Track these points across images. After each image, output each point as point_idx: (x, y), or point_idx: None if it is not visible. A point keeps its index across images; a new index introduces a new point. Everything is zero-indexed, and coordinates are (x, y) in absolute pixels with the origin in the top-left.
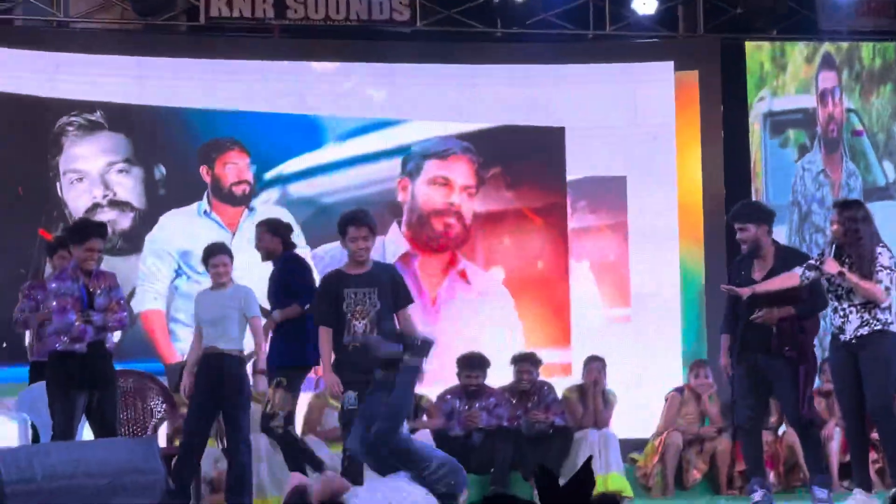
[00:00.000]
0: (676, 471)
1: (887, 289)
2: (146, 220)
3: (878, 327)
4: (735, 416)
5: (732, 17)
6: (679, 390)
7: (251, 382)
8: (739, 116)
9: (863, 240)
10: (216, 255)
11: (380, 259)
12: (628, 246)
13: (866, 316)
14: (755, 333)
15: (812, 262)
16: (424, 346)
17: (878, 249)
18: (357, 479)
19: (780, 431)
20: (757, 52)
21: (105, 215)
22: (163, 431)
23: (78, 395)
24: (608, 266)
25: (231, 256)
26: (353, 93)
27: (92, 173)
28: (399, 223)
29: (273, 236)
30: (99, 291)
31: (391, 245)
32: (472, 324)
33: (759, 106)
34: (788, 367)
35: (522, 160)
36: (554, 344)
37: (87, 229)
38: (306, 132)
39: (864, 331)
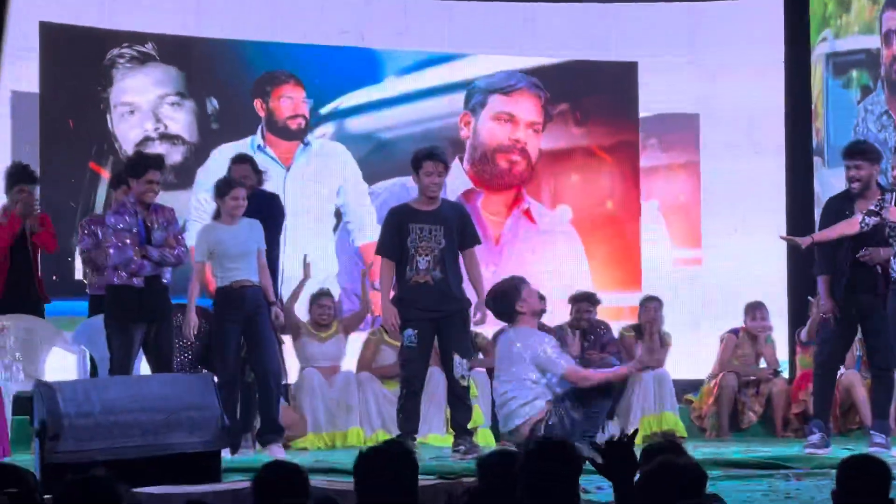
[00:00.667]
0: (731, 412)
1: None
2: (198, 155)
3: None
4: (817, 354)
5: None
6: (734, 332)
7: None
8: (802, 56)
9: None
10: (236, 187)
11: (441, 195)
12: (700, 186)
13: None
14: (861, 273)
15: (873, 207)
16: None
17: None
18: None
19: (838, 374)
20: None
21: (156, 149)
22: None
23: (136, 328)
24: (679, 207)
25: (245, 189)
26: (413, 29)
27: (143, 106)
28: (461, 159)
29: (255, 173)
30: (157, 226)
31: (452, 182)
32: (537, 264)
33: (822, 47)
34: (885, 310)
35: (592, 96)
36: (623, 287)
37: (145, 161)
38: (364, 66)
39: None
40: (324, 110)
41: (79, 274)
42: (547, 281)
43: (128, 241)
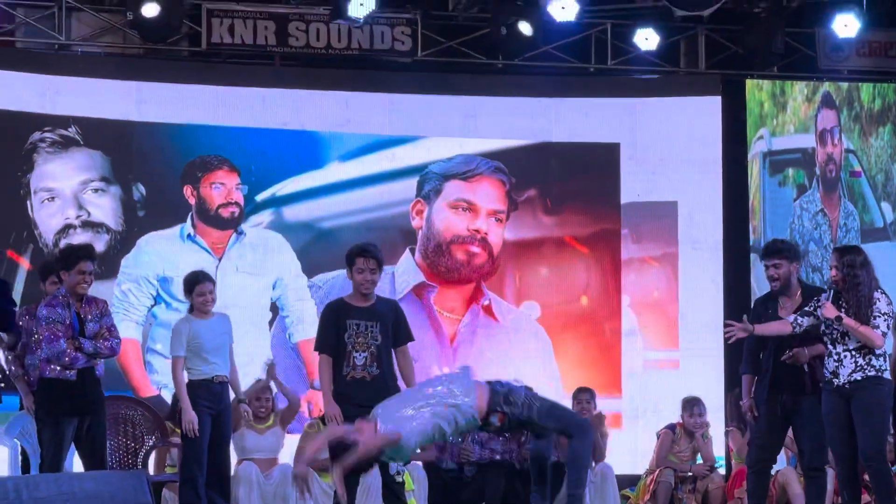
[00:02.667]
0: None
1: (884, 334)
2: (123, 243)
3: (872, 373)
4: (748, 454)
5: (734, 53)
6: (671, 427)
7: (242, 411)
8: (739, 154)
9: (861, 285)
10: (204, 282)
11: (389, 288)
12: (678, 281)
13: (861, 361)
14: (785, 373)
15: (808, 308)
16: None
17: (877, 295)
18: None
19: (773, 471)
20: (756, 91)
21: (78, 237)
22: (152, 460)
23: (68, 422)
24: (653, 303)
25: (214, 283)
26: (356, 119)
27: (65, 192)
28: (412, 251)
29: None
30: (90, 318)
31: (403, 275)
32: (498, 366)
33: (758, 145)
34: (815, 409)
35: (566, 181)
36: (599, 391)
37: (76, 253)
38: (305, 149)
39: (858, 376)
40: (260, 197)
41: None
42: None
43: (60, 333)
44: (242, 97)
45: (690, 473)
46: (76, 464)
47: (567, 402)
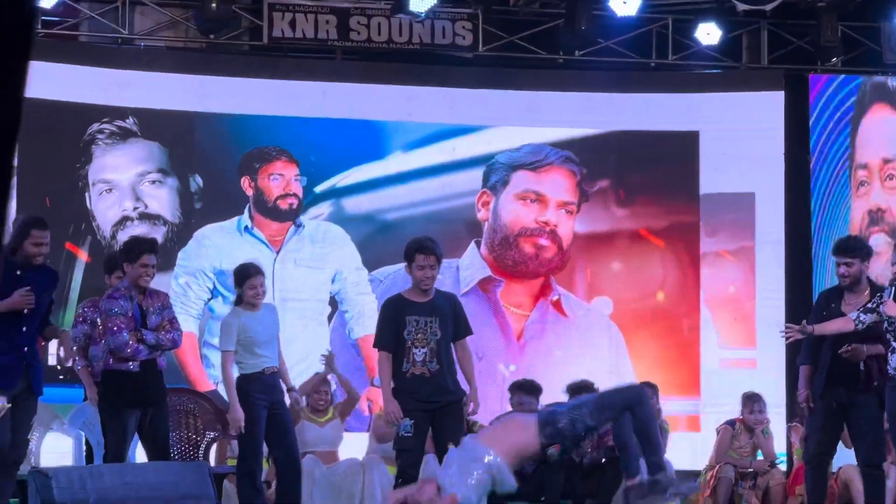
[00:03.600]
0: None
1: None
2: (180, 236)
3: None
4: (805, 450)
5: (796, 48)
6: (731, 423)
7: (292, 402)
8: (802, 149)
9: None
10: (255, 275)
11: (452, 282)
12: (755, 275)
13: None
14: (842, 369)
15: (870, 304)
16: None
17: None
18: None
19: (836, 468)
20: None
21: (135, 229)
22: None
23: (130, 414)
24: (729, 299)
25: (264, 276)
26: (417, 114)
27: (122, 184)
28: (478, 244)
29: None
30: (152, 310)
31: (468, 269)
32: (567, 364)
33: None
34: (871, 405)
35: (641, 171)
36: (677, 392)
37: (140, 246)
38: (366, 139)
39: None
40: (319, 188)
41: (53, 359)
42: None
43: (122, 325)
44: (303, 91)
45: (751, 469)
46: (139, 454)
47: None
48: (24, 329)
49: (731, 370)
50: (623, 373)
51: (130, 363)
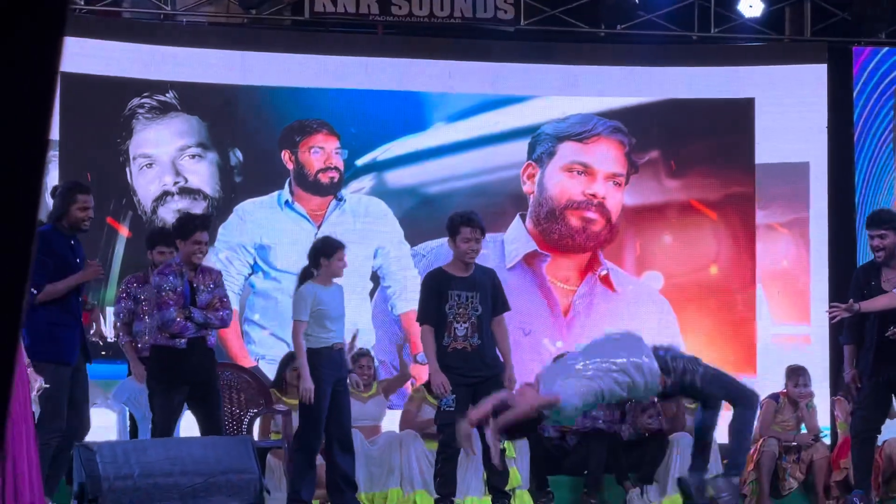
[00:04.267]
0: (772, 479)
1: None
2: (220, 210)
3: None
4: (852, 424)
5: (840, 20)
6: (774, 397)
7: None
8: (845, 122)
9: None
10: (342, 248)
11: (497, 256)
12: (808, 249)
13: None
14: (890, 346)
15: None
16: None
17: None
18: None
19: (880, 442)
20: None
21: (176, 204)
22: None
23: (178, 390)
24: (781, 273)
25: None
26: (459, 88)
27: (162, 158)
28: (523, 217)
29: None
30: (203, 287)
31: (513, 243)
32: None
33: None
34: None
35: (693, 142)
36: (732, 369)
37: (193, 222)
38: (408, 111)
39: None
40: (361, 162)
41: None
42: None
43: (171, 301)
44: (345, 66)
45: (795, 443)
46: (184, 430)
47: None
48: (78, 299)
49: (784, 346)
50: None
51: (178, 340)
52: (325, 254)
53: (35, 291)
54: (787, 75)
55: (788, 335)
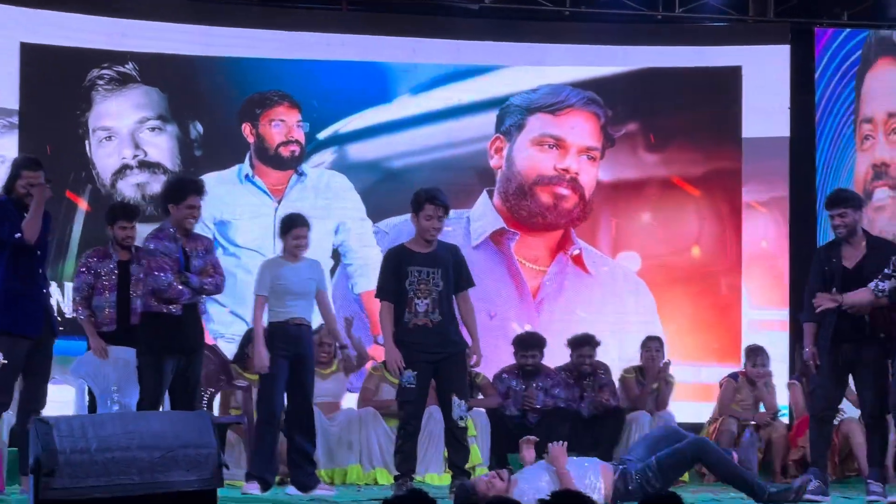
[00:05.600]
0: None
1: None
2: None
3: None
4: (811, 404)
5: (803, 1)
6: (733, 376)
7: (343, 358)
8: (807, 103)
9: None
10: (301, 226)
11: (463, 234)
12: (788, 229)
13: None
14: (848, 323)
15: (887, 271)
16: None
17: None
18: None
19: (836, 421)
20: None
21: (135, 178)
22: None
23: (169, 359)
24: (761, 254)
25: (310, 227)
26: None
27: (122, 131)
28: (490, 193)
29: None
30: (195, 254)
31: (479, 220)
32: (588, 325)
33: None
34: (877, 356)
35: (674, 113)
36: (715, 357)
37: (186, 187)
38: (371, 83)
39: None
40: (322, 135)
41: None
42: (607, 347)
43: (167, 266)
44: (309, 41)
45: (753, 422)
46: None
47: (674, 371)
48: (41, 272)
49: (764, 333)
50: (651, 332)
51: (173, 306)
52: (282, 230)
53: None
54: (751, 55)
55: (767, 320)
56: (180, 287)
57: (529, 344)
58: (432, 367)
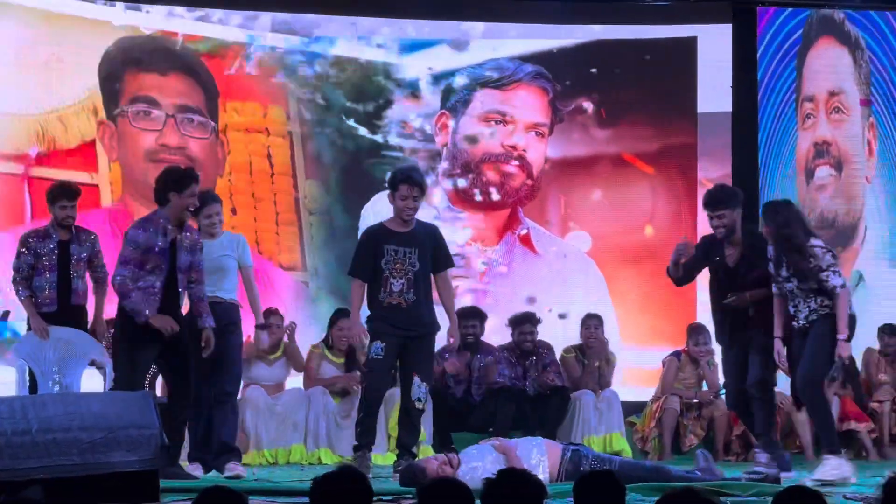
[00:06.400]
0: (674, 435)
1: (844, 284)
2: None
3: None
4: (727, 402)
5: None
6: (676, 355)
7: (254, 338)
8: (749, 82)
9: (799, 246)
10: (211, 203)
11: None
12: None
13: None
14: (733, 316)
15: (784, 272)
16: None
17: (817, 251)
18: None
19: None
20: None
21: None
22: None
23: (145, 345)
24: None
25: (221, 204)
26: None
27: None
28: (434, 172)
29: None
30: (184, 246)
31: (426, 199)
32: (535, 307)
33: None
34: (760, 336)
35: (626, 87)
36: (668, 341)
37: (190, 175)
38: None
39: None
40: None
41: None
42: (551, 328)
43: (130, 260)
44: (251, 18)
45: (696, 400)
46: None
47: (626, 355)
48: None
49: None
50: (603, 315)
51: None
52: (194, 212)
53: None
54: (694, 34)
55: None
56: (130, 288)
57: (468, 314)
58: (400, 344)
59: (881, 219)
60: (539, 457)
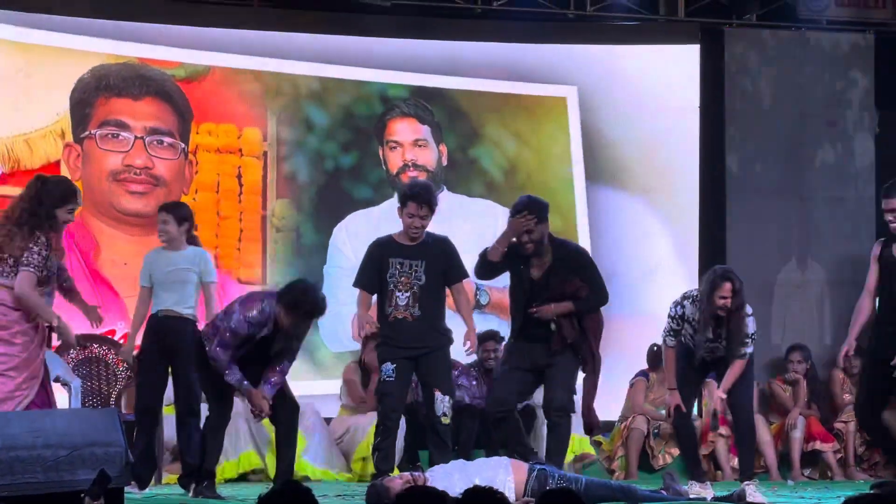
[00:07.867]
0: (643, 456)
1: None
2: None
3: None
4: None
5: (713, 2)
6: (644, 375)
7: None
8: (717, 102)
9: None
10: (160, 211)
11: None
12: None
13: None
14: (536, 327)
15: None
16: None
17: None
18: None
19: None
20: None
21: None
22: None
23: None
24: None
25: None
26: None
27: None
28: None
29: None
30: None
31: None
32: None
33: None
34: (565, 359)
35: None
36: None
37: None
38: None
39: None
40: None
41: None
42: None
43: (230, 344)
44: (219, 37)
45: (664, 421)
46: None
47: None
48: None
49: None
50: None
51: None
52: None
53: None
54: (662, 55)
55: None
56: (227, 368)
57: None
58: (413, 363)
59: None
60: (503, 475)
